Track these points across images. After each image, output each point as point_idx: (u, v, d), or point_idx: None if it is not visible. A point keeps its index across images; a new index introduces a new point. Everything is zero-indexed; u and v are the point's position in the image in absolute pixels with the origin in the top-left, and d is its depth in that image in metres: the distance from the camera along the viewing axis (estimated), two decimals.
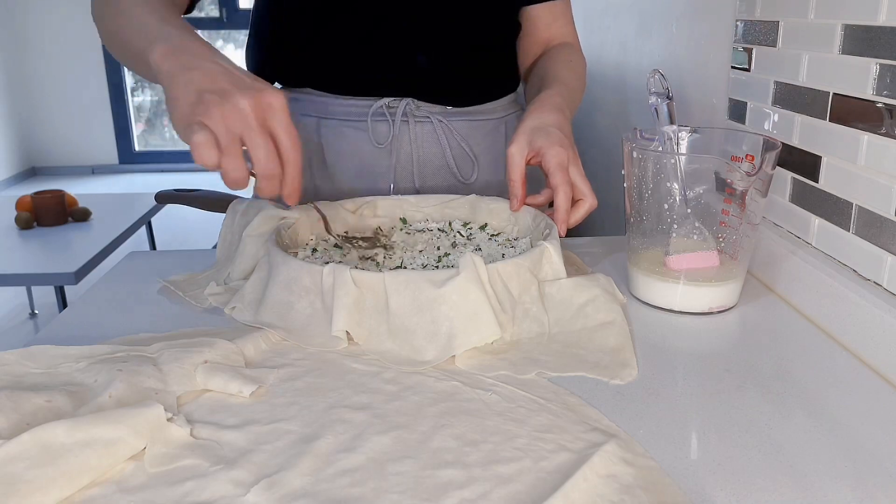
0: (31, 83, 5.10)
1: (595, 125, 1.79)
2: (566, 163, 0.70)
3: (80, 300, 0.72)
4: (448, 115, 0.91)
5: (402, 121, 0.89)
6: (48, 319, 2.74)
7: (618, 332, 0.60)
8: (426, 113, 0.89)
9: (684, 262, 0.68)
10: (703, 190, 0.68)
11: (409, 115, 0.89)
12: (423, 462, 0.45)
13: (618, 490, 0.42)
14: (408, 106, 0.89)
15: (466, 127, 0.92)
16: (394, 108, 0.89)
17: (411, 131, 0.89)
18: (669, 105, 0.70)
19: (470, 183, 0.92)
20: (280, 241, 0.69)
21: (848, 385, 0.56)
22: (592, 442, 0.46)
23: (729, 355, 0.60)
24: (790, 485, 0.43)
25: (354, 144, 0.89)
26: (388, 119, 0.89)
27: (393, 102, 0.88)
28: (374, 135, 0.89)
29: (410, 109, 0.89)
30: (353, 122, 0.89)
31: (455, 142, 0.91)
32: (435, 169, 0.91)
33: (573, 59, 0.91)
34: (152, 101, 5.46)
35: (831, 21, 0.66)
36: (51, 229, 2.30)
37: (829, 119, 0.67)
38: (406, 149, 0.90)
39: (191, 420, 0.49)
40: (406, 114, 0.89)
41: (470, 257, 0.59)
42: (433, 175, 0.91)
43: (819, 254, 0.68)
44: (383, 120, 0.89)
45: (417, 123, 0.89)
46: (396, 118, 0.88)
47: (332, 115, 0.89)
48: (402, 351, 0.58)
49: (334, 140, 0.90)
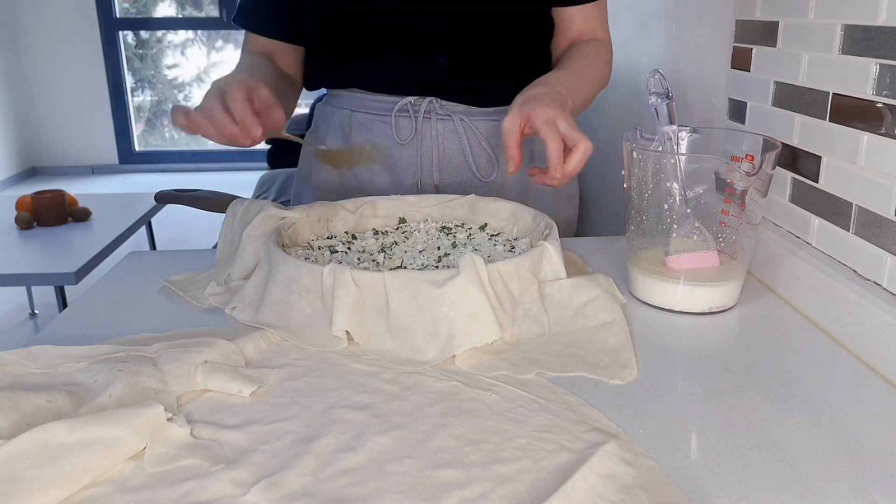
0: (32, 83, 5.09)
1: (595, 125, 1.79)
2: (554, 117, 0.71)
3: (80, 300, 0.72)
4: (470, 114, 0.93)
5: (424, 118, 0.91)
6: (48, 319, 2.74)
7: (618, 333, 0.60)
8: (448, 111, 0.92)
9: (684, 262, 0.68)
10: (703, 190, 0.68)
11: (431, 113, 0.91)
12: (423, 462, 0.45)
13: (618, 490, 0.42)
14: (430, 104, 0.91)
15: (488, 126, 0.93)
16: (417, 105, 0.91)
17: (433, 128, 0.92)
18: (669, 105, 0.70)
19: (489, 181, 0.94)
20: (280, 241, 0.69)
21: (848, 385, 0.56)
22: (592, 442, 0.46)
23: (729, 355, 0.60)
24: (790, 485, 0.43)
25: (381, 138, 0.93)
26: (411, 116, 0.91)
27: (417, 101, 0.91)
28: (396, 131, 0.92)
29: (433, 108, 0.91)
30: (380, 117, 0.92)
31: (476, 140, 0.93)
32: (456, 166, 0.93)
33: (591, 53, 0.92)
34: (152, 101, 5.46)
35: (831, 21, 0.66)
36: (51, 229, 2.30)
37: (829, 119, 0.67)
38: (428, 145, 0.92)
39: (191, 420, 0.49)
40: (429, 111, 0.91)
41: (470, 257, 0.59)
42: (454, 172, 0.93)
43: (819, 254, 0.68)
44: (406, 116, 0.92)
45: (440, 121, 0.92)
46: (419, 115, 0.91)
47: (362, 108, 0.93)
48: (401, 351, 0.58)
49: (362, 132, 0.93)
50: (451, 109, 0.92)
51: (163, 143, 5.53)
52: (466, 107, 0.92)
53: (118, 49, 5.14)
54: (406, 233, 0.78)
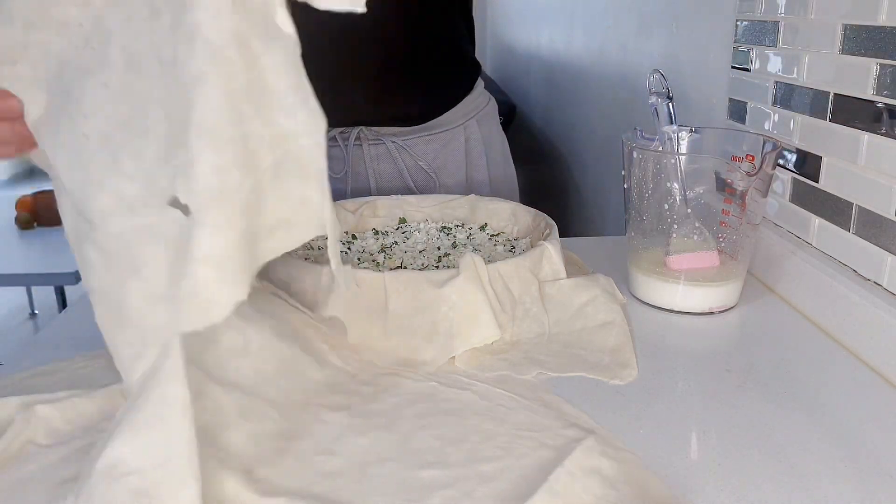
0: None
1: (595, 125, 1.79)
2: None
3: (80, 300, 0.72)
4: (401, 134, 0.91)
5: (355, 145, 0.90)
6: (48, 319, 2.74)
7: (618, 333, 0.60)
8: (378, 135, 0.90)
9: (684, 262, 0.68)
10: (703, 190, 0.68)
11: (362, 140, 0.90)
12: (406, 463, 0.44)
13: (601, 484, 0.42)
14: (360, 132, 0.90)
15: (421, 143, 0.92)
16: (346, 134, 0.90)
17: (366, 154, 0.90)
18: (669, 105, 0.70)
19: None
20: None
21: (848, 385, 0.56)
22: (572, 438, 0.46)
23: (729, 355, 0.60)
24: (790, 485, 0.43)
25: None
26: (340, 146, 0.90)
27: (345, 131, 0.89)
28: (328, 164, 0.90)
29: (364, 134, 0.90)
30: None
31: (412, 161, 0.91)
32: (393, 188, 0.92)
33: None
34: None
35: (831, 21, 0.66)
36: (51, 229, 2.30)
37: (829, 119, 0.67)
38: (363, 171, 0.90)
39: None
40: (360, 138, 0.90)
41: (470, 257, 0.59)
42: (391, 193, 0.92)
43: (819, 254, 0.68)
44: (335, 146, 0.90)
45: (372, 146, 0.90)
46: (349, 144, 0.89)
47: None
48: (401, 351, 0.58)
49: None
50: (380, 133, 0.90)
51: None
52: (398, 128, 0.90)
53: None
54: (406, 233, 0.78)
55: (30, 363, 0.58)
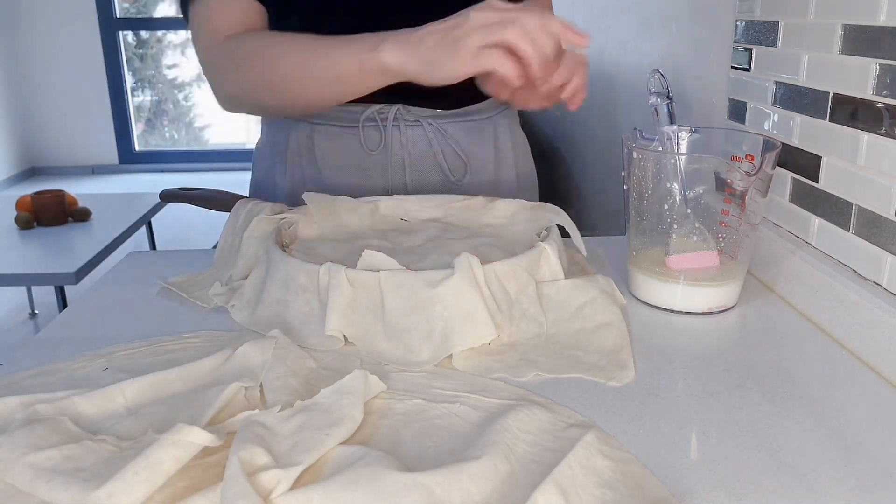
0: (32, 83, 5.10)
1: (595, 125, 1.79)
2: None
3: (80, 300, 0.72)
4: (438, 117, 0.92)
5: (392, 125, 0.90)
6: (48, 319, 2.74)
7: (616, 334, 0.60)
8: (416, 117, 0.91)
9: (684, 262, 0.68)
10: (703, 190, 0.68)
11: (399, 120, 0.90)
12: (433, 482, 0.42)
13: (599, 484, 0.42)
14: (398, 111, 0.90)
15: (457, 128, 0.93)
16: (385, 113, 0.90)
17: (402, 135, 0.91)
18: (669, 105, 0.70)
19: (461, 182, 0.94)
20: (280, 240, 0.69)
21: (848, 385, 0.56)
22: (570, 437, 0.46)
23: (729, 355, 0.60)
24: (790, 485, 0.43)
25: (347, 148, 0.91)
26: (378, 125, 0.90)
27: (384, 109, 0.90)
28: (365, 141, 0.90)
29: (401, 114, 0.90)
30: (346, 128, 0.91)
31: (446, 143, 0.92)
32: (426, 170, 0.93)
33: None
34: (152, 100, 5.47)
35: (831, 21, 0.66)
36: (51, 229, 2.30)
37: (829, 119, 0.67)
38: (398, 152, 0.91)
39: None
40: (397, 118, 0.90)
41: (465, 257, 0.58)
42: (425, 176, 0.93)
43: (819, 254, 0.68)
44: (374, 126, 0.90)
45: (408, 127, 0.91)
46: (388, 124, 0.90)
47: (325, 120, 0.91)
48: (397, 351, 0.58)
49: (326, 144, 0.91)
50: (419, 115, 0.91)
51: (163, 143, 5.53)
52: (434, 111, 0.91)
53: (118, 49, 5.15)
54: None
55: (30, 363, 0.58)
